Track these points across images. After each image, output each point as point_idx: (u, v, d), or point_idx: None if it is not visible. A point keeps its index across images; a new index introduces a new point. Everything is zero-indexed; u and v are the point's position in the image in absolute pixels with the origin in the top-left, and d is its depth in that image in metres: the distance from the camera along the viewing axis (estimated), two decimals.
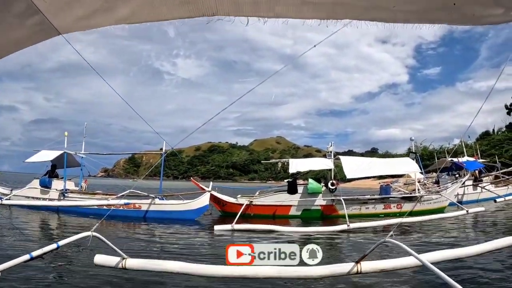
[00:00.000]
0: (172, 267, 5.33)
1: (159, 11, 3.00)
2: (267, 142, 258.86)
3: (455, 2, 2.82)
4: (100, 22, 3.05)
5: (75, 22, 3.00)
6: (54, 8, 2.79)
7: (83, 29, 3.10)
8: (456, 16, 3.00)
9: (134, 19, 3.04)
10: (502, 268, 7.88)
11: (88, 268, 7.50)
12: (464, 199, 25.17)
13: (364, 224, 14.31)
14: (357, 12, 3.06)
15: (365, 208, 19.11)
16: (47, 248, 5.73)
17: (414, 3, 2.93)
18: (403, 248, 4.32)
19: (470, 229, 15.10)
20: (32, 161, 21.35)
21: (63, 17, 2.91)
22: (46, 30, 2.99)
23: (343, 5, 2.99)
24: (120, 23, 3.06)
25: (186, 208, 17.68)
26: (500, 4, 2.83)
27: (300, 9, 3.05)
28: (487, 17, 2.99)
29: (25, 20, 2.82)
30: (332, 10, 3.04)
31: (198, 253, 9.89)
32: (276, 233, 13.12)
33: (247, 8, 3.02)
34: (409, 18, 3.10)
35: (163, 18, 3.07)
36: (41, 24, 2.90)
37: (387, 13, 3.05)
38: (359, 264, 5.08)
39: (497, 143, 68.84)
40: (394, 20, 3.13)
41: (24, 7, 2.71)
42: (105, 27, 3.11)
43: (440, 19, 3.09)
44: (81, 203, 17.74)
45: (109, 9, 2.91)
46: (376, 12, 3.07)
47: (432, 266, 3.78)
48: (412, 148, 22.75)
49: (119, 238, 11.96)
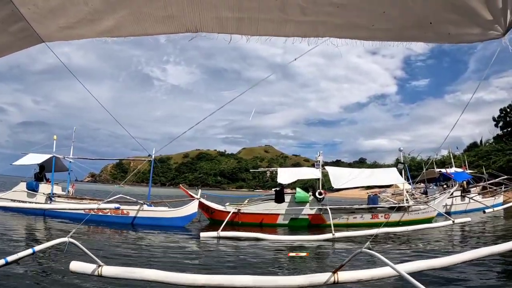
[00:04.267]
0: (148, 275, 5.30)
1: (143, 26, 3.02)
2: (255, 150, 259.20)
3: (431, 21, 2.91)
4: (84, 33, 3.07)
5: (58, 31, 3.00)
6: (38, 16, 2.79)
7: (66, 39, 3.12)
8: (431, 35, 3.10)
9: (118, 32, 3.07)
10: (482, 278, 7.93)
11: (64, 274, 7.38)
12: (452, 210, 25.43)
13: (349, 234, 14.34)
14: (337, 30, 3.14)
15: (353, 217, 19.12)
16: (23, 253, 5.69)
17: (391, 21, 3.00)
18: (379, 258, 4.33)
19: (455, 239, 15.21)
20: (20, 164, 21.10)
21: (46, 25, 2.91)
22: (29, 38, 3.00)
23: (323, 24, 3.07)
24: (103, 35, 3.08)
25: (175, 215, 17.57)
26: (477, 24, 2.90)
27: (282, 27, 3.13)
28: (463, 36, 3.08)
29: (8, 26, 2.82)
30: (313, 28, 3.13)
31: (182, 260, 9.80)
32: (261, 241, 13.15)
33: (230, 26, 3.09)
34: (388, 37, 3.20)
35: (146, 33, 3.10)
36: (24, 31, 2.90)
37: (366, 31, 3.14)
38: (336, 274, 5.09)
39: (484, 154, 69.77)
40: (373, 39, 3.23)
41: (7, 13, 2.71)
42: (88, 38, 3.12)
43: (416, 38, 3.18)
44: (71, 207, 17.53)
45: (94, 21, 2.93)
46: (355, 30, 3.16)
47: (408, 276, 3.78)
48: (401, 158, 22.85)
49: (104, 244, 11.81)
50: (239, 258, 10.23)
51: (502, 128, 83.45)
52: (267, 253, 11.36)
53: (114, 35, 3.08)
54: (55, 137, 21.53)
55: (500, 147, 70.42)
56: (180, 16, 2.95)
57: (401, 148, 23.32)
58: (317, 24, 3.09)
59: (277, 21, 3.06)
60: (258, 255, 10.79)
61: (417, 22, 2.99)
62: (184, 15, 2.95)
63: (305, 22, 3.06)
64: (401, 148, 23.26)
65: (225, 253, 11.18)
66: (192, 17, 2.96)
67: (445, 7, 2.81)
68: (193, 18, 2.97)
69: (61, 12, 2.82)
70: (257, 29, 3.13)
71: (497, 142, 77.57)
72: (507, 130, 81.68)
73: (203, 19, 2.99)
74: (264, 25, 3.09)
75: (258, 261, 9.98)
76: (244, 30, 3.14)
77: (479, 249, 6.38)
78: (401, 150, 23.34)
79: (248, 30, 3.14)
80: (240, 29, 3.13)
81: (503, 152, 67.36)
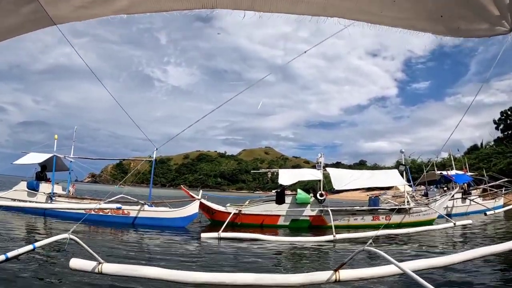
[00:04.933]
0: (148, 272, 5.29)
1: (159, 2, 3.02)
2: (255, 152, 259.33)
3: (442, 14, 2.96)
4: (99, 12, 3.05)
5: (72, 12, 2.98)
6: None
7: (80, 19, 3.09)
8: (441, 28, 3.14)
9: (133, 9, 3.05)
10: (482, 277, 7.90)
11: (64, 271, 7.36)
12: (453, 212, 25.38)
13: (350, 235, 14.31)
14: (347, 12, 3.20)
15: (354, 219, 19.10)
16: (23, 249, 5.69)
17: (402, 11, 3.04)
18: (382, 255, 4.32)
19: (457, 240, 15.16)
20: (21, 163, 21.05)
21: (60, 6, 2.88)
22: (40, 19, 2.97)
23: (333, 5, 3.12)
24: (118, 13, 3.06)
25: (176, 216, 17.55)
26: (486, 19, 2.94)
27: (294, 6, 3.17)
28: (472, 31, 3.13)
29: (20, 7, 2.78)
30: (324, 9, 3.18)
31: (182, 260, 9.78)
32: (262, 242, 13.13)
33: (245, 2, 3.13)
34: (396, 24, 3.24)
35: (162, 9, 3.08)
36: (36, 13, 2.86)
37: (374, 16, 3.20)
38: (337, 272, 5.09)
39: (485, 157, 69.78)
40: (381, 23, 3.27)
41: None
42: (102, 17, 3.10)
43: (426, 29, 3.22)
44: (73, 206, 17.50)
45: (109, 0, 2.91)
46: (364, 15, 3.21)
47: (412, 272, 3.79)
48: (402, 160, 22.83)
49: (105, 243, 11.80)
50: (240, 259, 10.20)
51: (503, 131, 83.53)
52: (268, 254, 11.32)
53: (129, 12, 3.08)
54: (56, 136, 21.51)
55: (501, 150, 70.43)
56: None
57: (403, 150, 23.34)
58: (327, 5, 3.14)
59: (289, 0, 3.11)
60: (259, 256, 10.77)
61: (428, 14, 3.03)
62: None
63: (316, 2, 3.11)
64: (402, 150, 23.28)
65: (226, 254, 11.14)
66: None
67: (456, 1, 2.86)
68: None
69: None
70: (270, 6, 3.17)
71: (498, 145, 77.62)
72: (507, 133, 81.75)
73: None
74: (276, 2, 3.14)
75: (259, 262, 9.97)
76: (257, 7, 3.18)
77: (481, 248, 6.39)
78: (403, 152, 23.36)
79: (261, 7, 3.18)
80: (254, 6, 3.17)
81: (503, 154, 67.36)
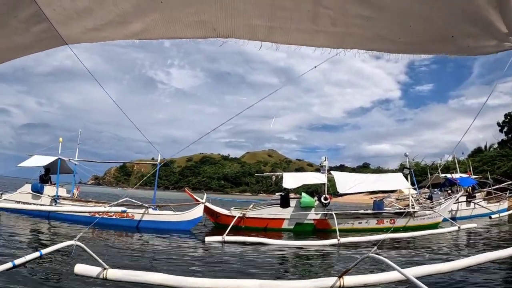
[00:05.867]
0: (153, 279, 5.30)
1: (172, 29, 3.01)
2: (258, 154, 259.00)
3: (453, 34, 2.99)
4: (110, 36, 3.06)
5: (83, 33, 2.98)
6: (63, 17, 2.76)
7: (91, 41, 3.09)
8: (452, 48, 3.17)
9: (146, 35, 3.06)
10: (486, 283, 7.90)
11: (69, 277, 7.37)
12: (458, 215, 25.29)
13: (355, 239, 14.24)
14: (365, 42, 3.22)
15: (358, 223, 19.05)
16: (30, 256, 5.67)
17: (416, 35, 3.06)
18: (386, 262, 4.31)
19: (461, 245, 15.11)
20: (25, 165, 20.97)
21: (71, 27, 2.89)
22: (52, 39, 2.97)
23: (352, 35, 3.13)
24: (131, 38, 3.07)
25: (180, 219, 17.53)
26: (493, 36, 2.99)
27: (312, 37, 3.17)
28: (481, 48, 3.16)
29: (31, 26, 2.78)
30: (342, 40, 3.19)
31: (187, 264, 9.83)
32: (267, 245, 13.10)
33: (261, 33, 3.12)
34: (412, 50, 3.29)
35: (175, 36, 3.09)
36: (47, 32, 2.86)
37: (393, 44, 3.22)
38: (341, 278, 5.08)
39: (489, 160, 69.46)
40: (398, 52, 3.31)
41: (31, 14, 2.68)
42: (114, 40, 3.11)
43: (438, 50, 3.28)
44: (77, 209, 17.47)
45: (122, 24, 2.91)
46: (382, 43, 3.23)
47: (416, 279, 3.78)
48: (407, 163, 22.79)
49: (109, 247, 11.84)
50: (244, 263, 10.20)
51: (507, 133, 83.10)
52: (272, 258, 11.32)
53: (142, 38, 3.08)
54: (61, 139, 21.53)
55: (505, 152, 70.04)
56: (212, 21, 2.96)
57: (407, 153, 23.29)
58: (345, 35, 3.14)
59: (308, 31, 3.10)
60: (263, 260, 10.77)
61: (440, 36, 3.06)
62: (216, 21, 2.95)
63: (335, 33, 3.11)
64: (407, 153, 23.23)
65: (230, 257, 11.13)
66: (223, 23, 2.97)
67: (466, 21, 2.89)
68: (224, 24, 2.98)
69: (89, 14, 2.80)
70: (288, 38, 3.16)
71: (502, 148, 77.25)
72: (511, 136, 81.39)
73: (235, 25, 3.00)
74: (294, 34, 3.12)
75: (263, 265, 9.97)
76: (274, 38, 3.17)
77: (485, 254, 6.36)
78: (407, 155, 23.31)
79: (278, 38, 3.17)
80: (271, 37, 3.16)
81: (507, 157, 66.98)
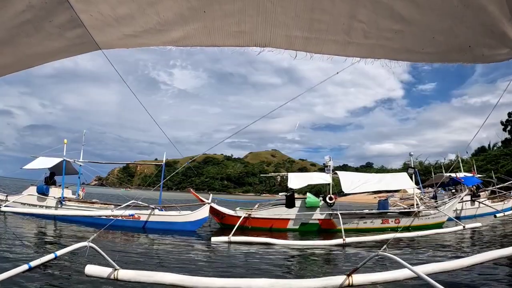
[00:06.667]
0: (164, 279, 5.36)
1: (212, 38, 3.09)
2: (262, 155, 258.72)
3: (470, 44, 3.15)
4: (148, 42, 3.11)
5: (120, 39, 3.02)
6: (100, 23, 2.79)
7: (127, 46, 3.15)
8: (469, 57, 3.31)
9: (185, 42, 3.11)
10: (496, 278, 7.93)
11: (80, 278, 7.42)
12: (462, 214, 25.25)
13: (360, 239, 14.26)
14: (392, 53, 3.35)
15: (363, 222, 19.08)
16: (46, 258, 5.74)
17: (438, 45, 3.21)
18: (396, 260, 4.36)
19: (466, 244, 15.11)
20: (31, 167, 20.98)
21: (108, 33, 2.92)
22: (85, 44, 3.00)
23: (381, 47, 3.26)
24: (168, 44, 3.13)
25: (186, 220, 17.60)
26: (506, 45, 3.16)
27: (345, 48, 3.29)
28: (494, 56, 3.32)
29: (66, 32, 2.81)
30: (371, 51, 3.32)
31: (194, 264, 9.90)
32: (272, 245, 13.15)
33: (298, 44, 3.22)
34: (433, 59, 3.45)
35: (214, 44, 3.16)
36: (81, 37, 2.89)
37: (417, 55, 3.36)
38: (350, 277, 5.14)
39: (493, 159, 69.36)
40: (421, 61, 3.48)
41: (66, 19, 2.70)
42: (151, 47, 3.17)
43: (456, 59, 3.40)
44: (85, 213, 17.56)
45: (162, 31, 2.96)
46: (408, 54, 3.37)
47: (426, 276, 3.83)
48: (411, 163, 22.77)
49: (116, 248, 11.91)
50: (250, 263, 10.26)
51: (510, 132, 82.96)
52: (278, 258, 11.36)
53: (180, 45, 3.14)
54: (65, 141, 21.57)
55: (509, 151, 69.96)
56: (252, 32, 3.05)
57: (412, 153, 23.33)
58: (375, 47, 3.27)
59: (341, 42, 3.22)
60: (269, 260, 10.80)
61: (458, 46, 3.21)
62: (256, 31, 3.05)
63: (366, 44, 3.24)
64: (411, 153, 23.28)
65: (236, 258, 11.20)
66: (263, 34, 3.07)
67: (483, 33, 3.05)
68: (264, 35, 3.08)
69: (128, 21, 2.84)
70: (322, 48, 3.27)
71: (506, 146, 77.14)
72: None
73: (273, 36, 3.11)
74: (328, 45, 3.24)
75: (270, 265, 10.00)
76: (309, 48, 3.28)
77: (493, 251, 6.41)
78: (411, 155, 23.33)
79: (313, 48, 3.27)
80: (306, 47, 3.26)
81: (511, 156, 66.92)
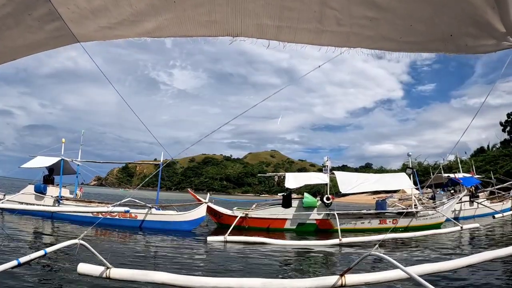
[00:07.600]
0: (156, 277, 5.32)
1: (184, 28, 3.13)
2: (261, 155, 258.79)
3: (451, 33, 3.13)
4: (123, 34, 3.15)
5: (96, 31, 3.06)
6: (77, 16, 2.84)
7: (104, 39, 3.18)
8: (451, 47, 3.30)
9: (158, 33, 3.16)
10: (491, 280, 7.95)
11: (72, 276, 7.41)
12: (461, 215, 25.25)
13: (357, 239, 14.25)
14: (368, 41, 3.35)
15: (361, 223, 19.04)
16: (35, 255, 5.72)
17: (417, 34, 3.20)
18: (389, 260, 4.32)
19: (464, 244, 15.09)
20: (28, 167, 21.05)
21: (85, 25, 2.96)
22: (64, 37, 3.04)
23: (356, 35, 3.26)
24: (143, 36, 3.17)
25: (183, 219, 17.55)
26: (491, 36, 3.12)
27: (318, 37, 3.31)
28: (480, 47, 3.30)
29: (44, 24, 2.85)
30: (346, 39, 3.33)
31: (189, 263, 9.88)
32: (269, 245, 13.12)
33: (270, 33, 3.26)
34: (412, 48, 3.43)
35: (187, 34, 3.20)
36: (60, 30, 2.94)
37: (394, 44, 3.36)
38: (343, 277, 5.09)
39: (492, 159, 69.54)
40: (399, 50, 3.46)
41: (44, 12, 2.74)
42: (126, 38, 3.20)
43: (438, 49, 3.40)
44: (81, 209, 17.49)
45: (135, 22, 3.01)
46: (385, 42, 3.37)
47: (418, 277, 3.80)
48: (409, 163, 22.77)
49: (112, 247, 11.91)
50: (246, 262, 10.25)
51: (510, 133, 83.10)
52: (274, 257, 11.32)
53: (154, 36, 3.18)
54: (64, 140, 21.54)
55: (508, 152, 70.12)
56: (223, 21, 3.08)
57: (410, 153, 23.31)
58: (350, 35, 3.27)
59: (314, 31, 3.23)
60: (265, 260, 10.79)
61: (439, 35, 3.19)
62: (227, 21, 3.08)
63: (340, 32, 3.24)
64: (409, 153, 23.25)
65: (232, 257, 11.19)
66: (234, 23, 3.10)
67: (464, 21, 3.03)
68: (235, 24, 3.12)
69: (103, 13, 2.89)
70: (295, 37, 3.30)
71: (505, 147, 77.25)
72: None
73: (244, 25, 3.14)
74: (301, 33, 3.26)
75: (265, 265, 9.99)
76: (282, 37, 3.31)
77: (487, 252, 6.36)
78: (410, 155, 23.31)
79: (285, 37, 3.30)
80: (278, 36, 3.29)
81: (510, 156, 67.06)
